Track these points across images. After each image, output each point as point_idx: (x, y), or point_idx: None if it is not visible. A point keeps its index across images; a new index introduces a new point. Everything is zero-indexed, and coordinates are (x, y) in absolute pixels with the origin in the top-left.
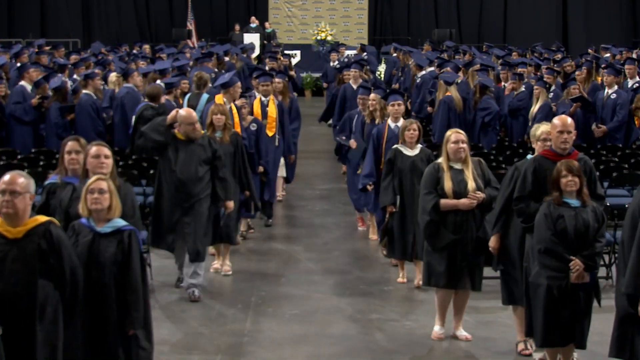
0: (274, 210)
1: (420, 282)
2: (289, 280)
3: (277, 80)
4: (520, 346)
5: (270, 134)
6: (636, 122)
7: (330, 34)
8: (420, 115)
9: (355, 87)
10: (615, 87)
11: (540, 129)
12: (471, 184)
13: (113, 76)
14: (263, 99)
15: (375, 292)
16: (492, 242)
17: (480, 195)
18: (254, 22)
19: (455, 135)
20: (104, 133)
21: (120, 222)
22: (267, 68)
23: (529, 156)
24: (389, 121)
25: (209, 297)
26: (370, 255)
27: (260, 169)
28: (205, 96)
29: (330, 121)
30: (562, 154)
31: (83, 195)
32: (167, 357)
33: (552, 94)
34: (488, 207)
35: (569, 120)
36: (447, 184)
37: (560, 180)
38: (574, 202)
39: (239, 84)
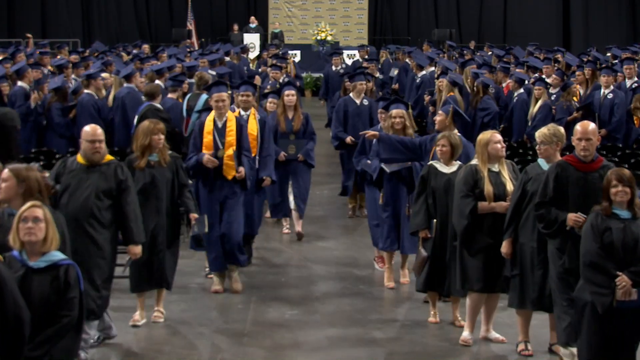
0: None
1: (462, 322)
2: (289, 281)
3: (291, 92)
4: (521, 346)
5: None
6: (635, 122)
7: (330, 34)
8: (414, 112)
9: (358, 101)
10: (612, 87)
11: (538, 132)
12: (509, 186)
13: (106, 76)
14: (242, 112)
15: (376, 292)
16: (504, 247)
17: None
18: (254, 22)
19: (496, 136)
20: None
21: (57, 256)
22: (270, 80)
23: (540, 160)
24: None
25: (209, 298)
26: (370, 255)
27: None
28: (204, 97)
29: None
30: (585, 161)
31: (15, 224)
32: (168, 357)
33: (554, 95)
34: None
35: (591, 126)
36: (488, 187)
37: (609, 189)
38: (624, 213)
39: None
